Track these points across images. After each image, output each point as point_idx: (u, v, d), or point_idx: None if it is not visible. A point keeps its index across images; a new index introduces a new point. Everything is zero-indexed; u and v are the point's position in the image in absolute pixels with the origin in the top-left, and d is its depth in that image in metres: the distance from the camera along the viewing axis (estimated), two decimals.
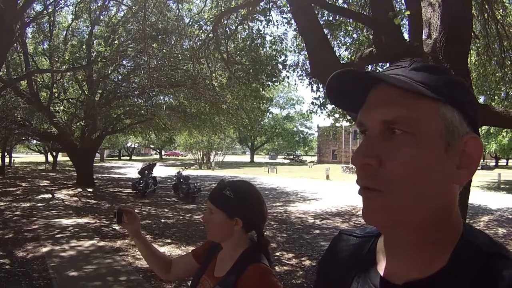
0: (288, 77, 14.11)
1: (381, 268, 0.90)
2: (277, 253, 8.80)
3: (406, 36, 5.47)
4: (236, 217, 1.90)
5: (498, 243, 0.81)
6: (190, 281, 2.09)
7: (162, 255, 2.37)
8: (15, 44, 14.95)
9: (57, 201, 16.35)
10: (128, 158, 78.56)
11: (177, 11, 13.31)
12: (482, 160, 50.48)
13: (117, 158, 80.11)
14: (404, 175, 0.77)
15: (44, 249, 8.62)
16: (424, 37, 4.76)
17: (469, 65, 5.47)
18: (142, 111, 22.59)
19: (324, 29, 7.94)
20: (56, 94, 20.39)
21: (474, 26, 7.68)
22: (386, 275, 0.88)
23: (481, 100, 12.81)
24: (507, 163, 62.59)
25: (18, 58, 17.70)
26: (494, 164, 54.26)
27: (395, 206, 0.78)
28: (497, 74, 11.11)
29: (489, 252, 0.78)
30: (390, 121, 0.79)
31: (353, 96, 0.89)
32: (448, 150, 0.79)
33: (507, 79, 10.82)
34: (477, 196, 18.20)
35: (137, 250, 8.39)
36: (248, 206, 1.93)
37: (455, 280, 0.77)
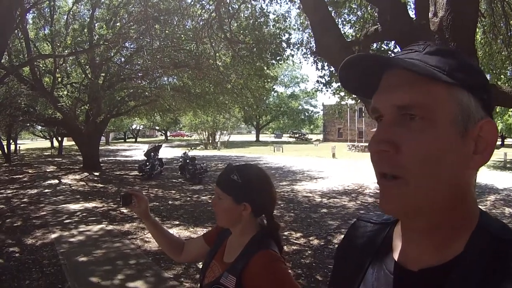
0: (292, 56, 14.00)
1: (397, 255, 0.90)
2: (285, 233, 8.84)
3: (411, 14, 5.39)
4: (244, 202, 1.87)
5: None
6: (201, 264, 2.09)
7: (173, 236, 2.39)
8: (16, 31, 14.86)
9: (64, 186, 16.43)
10: (134, 140, 78.83)
11: None
12: None
13: (123, 140, 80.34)
14: (421, 161, 0.76)
15: (53, 235, 8.67)
16: (430, 15, 4.66)
17: (475, 44, 5.39)
18: (146, 93, 22.55)
19: (329, 7, 7.83)
20: (59, 79, 20.32)
21: (480, 4, 7.58)
22: (401, 262, 0.88)
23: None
24: None
25: (19, 44, 17.57)
26: (500, 143, 54.05)
27: (413, 193, 0.78)
28: (503, 53, 11.09)
29: (505, 239, 0.77)
30: (405, 106, 0.78)
31: (367, 81, 0.88)
32: (464, 135, 0.78)
33: None
34: (483, 175, 18.06)
35: (146, 233, 8.47)
36: (256, 190, 1.90)
37: (470, 267, 0.76)
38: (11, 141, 33.46)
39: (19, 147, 43.23)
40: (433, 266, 0.81)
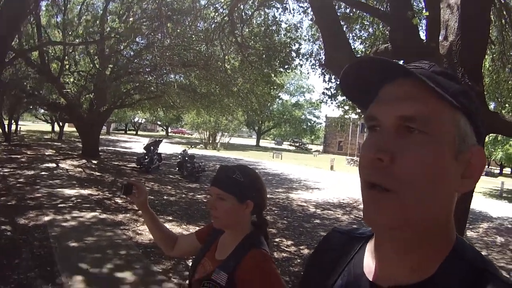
0: (301, 65, 14.10)
1: (368, 269, 0.91)
2: (277, 239, 8.86)
3: (422, 35, 5.47)
4: (248, 199, 1.91)
5: (487, 260, 0.81)
6: (191, 261, 2.12)
7: (168, 231, 2.40)
8: (29, 16, 14.90)
9: (61, 170, 16.39)
10: (134, 133, 78.46)
11: None
12: (487, 167, 49.88)
13: (123, 132, 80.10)
14: (416, 174, 0.75)
15: (46, 218, 8.65)
16: (440, 38, 4.73)
17: (482, 70, 5.44)
18: (152, 88, 22.65)
19: (341, 21, 7.91)
20: (67, 66, 20.41)
21: (490, 31, 7.62)
22: (371, 276, 0.88)
23: (492, 106, 12.63)
24: (511, 171, 61.94)
25: (31, 29, 17.62)
26: (498, 171, 53.84)
27: (402, 208, 0.76)
28: (509, 82, 11.03)
29: (478, 268, 0.78)
30: (408, 117, 0.77)
31: (366, 89, 0.89)
32: (457, 157, 0.79)
33: None
34: (479, 202, 17.90)
35: (138, 225, 8.53)
36: (257, 187, 1.97)
37: None
38: (13, 121, 33.41)
39: (20, 128, 43.15)
40: (404, 285, 0.81)
